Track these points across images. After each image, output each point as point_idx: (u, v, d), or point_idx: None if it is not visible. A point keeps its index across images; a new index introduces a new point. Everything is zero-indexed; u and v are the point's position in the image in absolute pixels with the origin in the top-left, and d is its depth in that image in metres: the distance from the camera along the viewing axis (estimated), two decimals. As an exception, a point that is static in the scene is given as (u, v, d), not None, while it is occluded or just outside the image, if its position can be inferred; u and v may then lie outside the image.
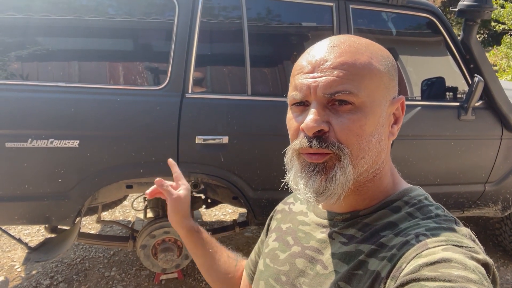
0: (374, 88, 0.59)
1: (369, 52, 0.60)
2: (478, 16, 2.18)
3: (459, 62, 2.33)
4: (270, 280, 0.70)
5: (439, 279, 0.45)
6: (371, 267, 0.56)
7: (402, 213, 0.61)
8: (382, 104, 0.60)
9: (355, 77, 0.57)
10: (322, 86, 0.57)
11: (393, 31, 2.38)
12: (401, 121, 0.64)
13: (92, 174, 1.84)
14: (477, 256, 0.50)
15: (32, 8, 1.80)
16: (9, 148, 1.71)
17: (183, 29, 1.91)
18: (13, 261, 2.71)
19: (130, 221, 3.38)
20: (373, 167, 0.62)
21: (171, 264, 2.24)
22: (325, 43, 0.62)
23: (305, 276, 0.65)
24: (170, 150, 1.90)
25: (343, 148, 0.57)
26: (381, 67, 0.60)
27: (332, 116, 0.58)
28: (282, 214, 0.82)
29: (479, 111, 2.34)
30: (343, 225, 0.64)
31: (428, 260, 0.49)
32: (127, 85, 1.90)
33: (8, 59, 1.78)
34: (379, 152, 0.62)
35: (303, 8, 2.13)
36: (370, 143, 0.59)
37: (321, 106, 0.58)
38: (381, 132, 0.61)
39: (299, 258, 0.68)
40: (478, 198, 2.52)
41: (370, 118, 0.58)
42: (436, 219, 0.58)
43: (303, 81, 0.59)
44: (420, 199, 0.63)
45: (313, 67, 0.59)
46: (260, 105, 2.02)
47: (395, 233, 0.58)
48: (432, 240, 0.52)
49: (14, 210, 1.84)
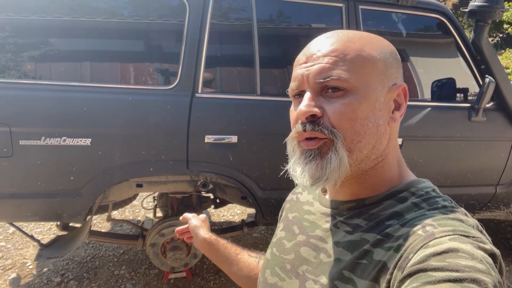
0: (367, 73, 0.60)
1: (362, 40, 0.62)
2: (489, 17, 2.16)
3: (469, 63, 2.31)
4: (276, 268, 0.71)
5: (447, 269, 0.45)
6: (376, 257, 0.56)
7: (408, 203, 0.60)
8: (377, 89, 0.61)
9: (345, 63, 0.59)
10: (313, 73, 0.60)
11: (403, 32, 2.37)
12: (403, 108, 0.65)
13: (103, 172, 1.87)
14: (484, 246, 0.50)
15: (45, 10, 1.84)
16: (23, 145, 1.75)
17: (193, 30, 1.93)
18: (25, 259, 2.76)
19: (140, 221, 3.41)
20: (374, 154, 0.62)
21: (180, 263, 2.26)
22: (321, 36, 0.65)
23: (308, 264, 0.65)
24: (180, 149, 1.92)
25: (336, 132, 0.59)
26: (374, 53, 0.61)
27: (326, 102, 0.60)
28: (290, 203, 0.83)
29: (490, 113, 2.32)
30: (349, 214, 0.65)
31: (435, 250, 0.48)
32: (138, 85, 1.92)
33: (22, 59, 1.82)
34: (379, 137, 0.61)
35: (312, 9, 2.14)
36: (366, 127, 0.60)
37: (314, 93, 0.60)
38: (378, 116, 0.61)
39: (304, 246, 0.68)
40: (489, 200, 2.49)
41: (364, 102, 0.59)
42: (442, 210, 0.58)
43: (298, 71, 0.63)
44: (427, 190, 0.62)
45: (307, 58, 0.62)
46: (269, 105, 2.03)
47: (401, 223, 0.57)
48: (439, 230, 0.52)
49: (27, 207, 1.88)
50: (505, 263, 2.94)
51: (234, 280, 0.93)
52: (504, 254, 3.04)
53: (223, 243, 0.95)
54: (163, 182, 2.12)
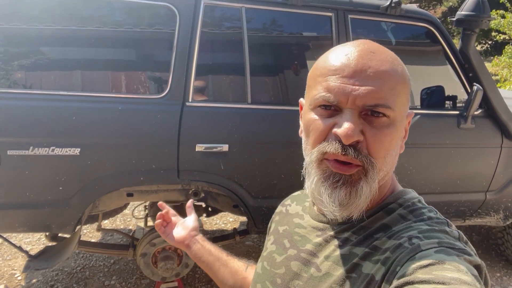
0: (404, 103, 0.59)
1: (401, 65, 0.60)
2: (476, 26, 2.20)
3: (458, 71, 2.34)
4: (266, 283, 0.71)
5: (433, 281, 0.46)
6: (365, 270, 0.56)
7: (395, 215, 0.61)
8: (404, 118, 0.61)
9: (393, 90, 0.57)
10: (364, 97, 0.55)
11: (392, 40, 2.40)
12: (407, 135, 0.65)
13: (93, 181, 1.85)
14: (469, 258, 0.51)
15: (35, 19, 1.83)
16: (11, 156, 1.73)
17: (183, 39, 1.94)
18: (13, 270, 2.71)
19: (131, 230, 3.38)
20: (384, 179, 0.63)
21: (171, 273, 2.24)
22: (361, 46, 0.60)
23: (299, 279, 0.65)
24: (171, 158, 1.91)
25: (374, 163, 0.57)
26: (408, 81, 0.60)
27: (367, 126, 0.57)
28: (280, 216, 0.83)
29: (478, 120, 2.34)
30: (339, 228, 0.65)
31: (421, 263, 0.49)
32: (128, 94, 1.92)
33: (11, 68, 1.81)
34: (393, 165, 0.62)
35: (302, 18, 2.16)
36: (391, 157, 0.60)
37: (356, 114, 0.56)
38: (398, 146, 0.61)
39: (294, 261, 0.68)
40: (479, 206, 2.51)
41: (398, 132, 0.59)
42: (428, 221, 0.58)
43: (340, 85, 0.56)
44: (413, 201, 0.63)
45: (353, 72, 0.56)
46: (260, 113, 2.04)
47: (388, 235, 0.58)
48: (425, 243, 0.53)
49: (15, 217, 1.85)
50: (496, 269, 2.96)
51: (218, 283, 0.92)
52: (495, 260, 3.06)
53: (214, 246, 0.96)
54: (154, 191, 2.11)
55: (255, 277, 0.76)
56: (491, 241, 3.28)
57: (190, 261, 2.26)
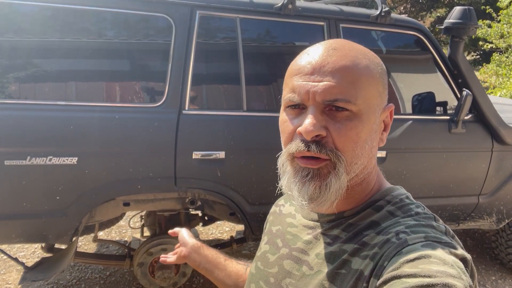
0: (371, 96, 0.59)
1: (367, 59, 0.60)
2: (464, 33, 2.26)
3: (447, 77, 2.40)
4: (260, 282, 0.71)
5: (419, 275, 0.47)
6: (354, 266, 0.57)
7: (384, 212, 0.62)
8: (376, 111, 0.60)
9: (354, 84, 0.57)
10: (322, 93, 0.56)
11: (383, 49, 2.46)
12: (389, 128, 0.66)
13: (90, 190, 1.85)
14: (455, 251, 0.52)
15: (31, 31, 1.85)
16: (8, 166, 1.73)
17: (179, 49, 1.97)
18: (8, 284, 2.68)
19: (127, 241, 3.35)
20: (363, 173, 0.63)
21: (168, 282, 2.23)
22: (325, 44, 0.61)
23: (291, 277, 0.66)
24: (168, 165, 1.92)
25: (340, 156, 0.57)
26: (377, 74, 0.60)
27: (330, 121, 0.57)
28: (274, 216, 0.83)
29: (469, 124, 2.40)
30: (328, 226, 0.65)
31: (408, 257, 0.50)
32: (125, 103, 1.94)
33: (8, 80, 1.82)
34: (370, 158, 0.62)
35: (295, 27, 2.21)
36: (364, 150, 0.59)
37: (319, 110, 0.57)
38: (373, 138, 0.61)
39: (287, 259, 0.69)
40: (473, 210, 2.54)
41: (366, 125, 0.58)
42: (415, 216, 0.59)
43: (302, 84, 0.58)
44: (401, 198, 0.64)
45: (312, 69, 0.58)
46: (255, 120, 2.06)
47: (377, 231, 0.59)
48: (412, 237, 0.54)
49: (12, 228, 1.84)
50: (491, 272, 2.98)
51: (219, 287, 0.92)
52: (490, 264, 3.09)
53: (212, 249, 0.96)
54: (151, 200, 2.11)
55: (249, 277, 0.76)
56: (485, 245, 3.32)
57: (187, 270, 2.26)
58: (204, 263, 0.93)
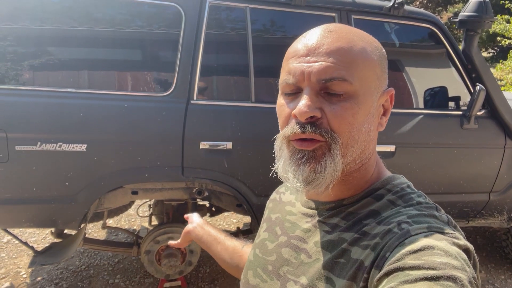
0: (368, 77, 0.58)
1: (364, 41, 0.60)
2: (479, 26, 2.21)
3: (461, 72, 2.35)
4: (258, 270, 0.71)
5: (423, 267, 0.46)
6: (354, 255, 0.56)
7: (384, 201, 0.61)
8: (373, 94, 0.59)
9: (350, 64, 0.56)
10: (316, 72, 0.56)
11: (396, 42, 2.42)
12: (389, 113, 0.64)
13: (99, 178, 1.88)
14: (458, 242, 0.51)
15: (44, 20, 1.87)
16: (19, 151, 1.76)
17: (189, 39, 1.97)
18: (19, 268, 2.74)
19: (135, 230, 3.40)
20: (361, 157, 0.62)
21: (175, 270, 2.25)
22: (321, 27, 0.61)
23: (289, 265, 0.65)
24: (175, 155, 1.94)
25: (335, 137, 0.57)
26: (375, 57, 0.60)
27: (325, 103, 0.57)
28: (273, 203, 0.83)
29: (482, 120, 2.35)
30: (327, 214, 0.64)
31: (411, 248, 0.49)
32: (134, 91, 1.95)
33: (21, 66, 1.84)
34: (368, 142, 0.61)
35: (306, 18, 2.19)
36: (360, 132, 0.59)
37: (314, 92, 0.57)
38: (371, 122, 0.60)
39: (285, 247, 0.68)
40: (483, 207, 2.50)
41: (362, 107, 0.58)
42: (417, 206, 0.58)
43: (297, 65, 0.58)
44: (402, 187, 0.63)
45: (308, 51, 0.58)
46: (263, 111, 2.06)
47: (378, 221, 0.58)
48: (414, 228, 0.53)
49: (22, 212, 1.88)
50: (501, 271, 2.94)
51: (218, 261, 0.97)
52: (500, 263, 3.05)
53: (216, 228, 1.01)
54: (159, 189, 2.13)
55: (247, 264, 0.76)
56: (496, 244, 3.27)
57: (193, 259, 2.28)
58: (205, 237, 0.97)
